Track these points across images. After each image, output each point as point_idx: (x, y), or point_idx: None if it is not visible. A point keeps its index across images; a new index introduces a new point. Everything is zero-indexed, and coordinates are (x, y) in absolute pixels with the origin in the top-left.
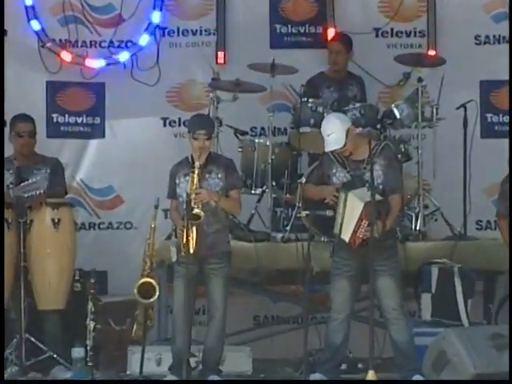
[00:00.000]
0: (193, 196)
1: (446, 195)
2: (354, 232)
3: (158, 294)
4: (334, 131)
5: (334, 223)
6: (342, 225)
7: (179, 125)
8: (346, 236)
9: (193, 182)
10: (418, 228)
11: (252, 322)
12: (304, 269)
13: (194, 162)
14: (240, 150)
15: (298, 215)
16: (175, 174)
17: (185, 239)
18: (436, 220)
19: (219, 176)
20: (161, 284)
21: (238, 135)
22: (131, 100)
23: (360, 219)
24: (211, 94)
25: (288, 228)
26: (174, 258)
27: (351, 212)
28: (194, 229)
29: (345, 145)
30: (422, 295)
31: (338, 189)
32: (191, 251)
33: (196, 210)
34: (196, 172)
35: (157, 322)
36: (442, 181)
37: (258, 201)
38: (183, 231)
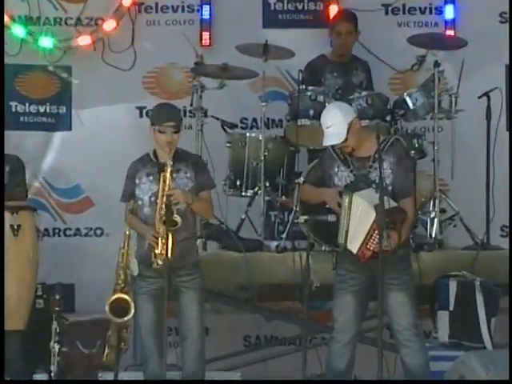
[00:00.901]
0: (164, 198)
1: (466, 197)
2: (364, 243)
3: (133, 311)
4: (335, 123)
5: (337, 230)
6: (347, 233)
7: None
8: (354, 247)
9: (165, 182)
10: (433, 235)
11: (242, 343)
12: (302, 283)
13: (158, 159)
14: (228, 145)
15: (295, 221)
16: (135, 172)
17: (160, 248)
18: (455, 226)
19: (188, 175)
20: (136, 300)
21: (226, 128)
22: (102, 86)
23: (372, 229)
24: (194, 81)
25: (283, 236)
26: (136, 272)
27: (359, 218)
28: (171, 236)
29: (346, 140)
30: (438, 313)
31: (341, 191)
32: (164, 261)
33: (174, 215)
34: (168, 170)
35: (132, 344)
36: (462, 181)
37: (249, 204)
38: (158, 239)
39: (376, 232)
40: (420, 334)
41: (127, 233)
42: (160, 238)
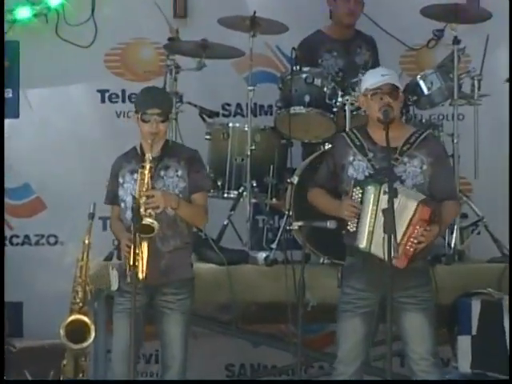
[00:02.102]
0: (143, 200)
1: (491, 200)
2: (403, 244)
3: (93, 336)
4: (392, 74)
5: (337, 237)
6: (372, 234)
7: (123, 100)
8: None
9: (143, 180)
10: (452, 246)
11: (224, 373)
12: (296, 302)
13: (143, 154)
14: (207, 137)
15: (287, 227)
16: (118, 170)
17: (132, 259)
18: (478, 234)
19: (179, 174)
20: (97, 322)
21: (205, 117)
22: (56, 66)
23: (412, 226)
24: (168, 60)
25: (274, 245)
26: (115, 286)
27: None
28: (145, 245)
29: (399, 94)
30: (458, 338)
31: (359, 182)
32: (140, 276)
33: (148, 220)
34: (147, 167)
35: (92, 374)
36: (487, 180)
37: (233, 208)
38: (130, 248)
39: (418, 228)
40: (438, 364)
41: (86, 242)
42: (131, 247)
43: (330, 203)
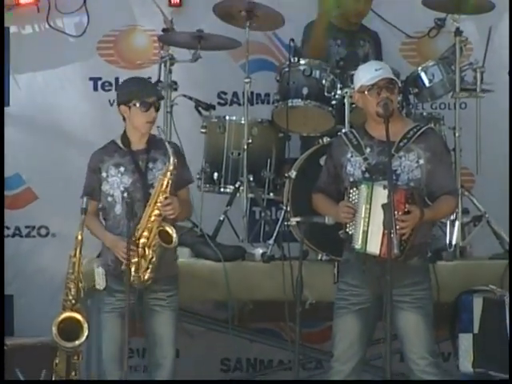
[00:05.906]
0: (158, 205)
1: (494, 195)
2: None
3: (86, 334)
4: (385, 67)
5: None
6: (366, 233)
7: (116, 88)
8: (376, 247)
9: (165, 187)
10: (454, 242)
11: (219, 367)
12: (294, 300)
13: (130, 146)
14: (203, 130)
15: (285, 223)
16: (98, 163)
17: (144, 264)
18: (482, 227)
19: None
20: (91, 320)
21: (201, 110)
22: (47, 54)
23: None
24: (162, 52)
25: (271, 241)
26: (103, 285)
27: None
28: (156, 252)
29: (396, 87)
30: (459, 337)
31: (355, 183)
32: (145, 277)
33: (168, 229)
34: (171, 168)
35: (84, 373)
36: (490, 175)
37: (229, 203)
38: (132, 251)
39: (396, 212)
40: (439, 363)
41: (79, 237)
42: (142, 257)
43: (330, 208)
